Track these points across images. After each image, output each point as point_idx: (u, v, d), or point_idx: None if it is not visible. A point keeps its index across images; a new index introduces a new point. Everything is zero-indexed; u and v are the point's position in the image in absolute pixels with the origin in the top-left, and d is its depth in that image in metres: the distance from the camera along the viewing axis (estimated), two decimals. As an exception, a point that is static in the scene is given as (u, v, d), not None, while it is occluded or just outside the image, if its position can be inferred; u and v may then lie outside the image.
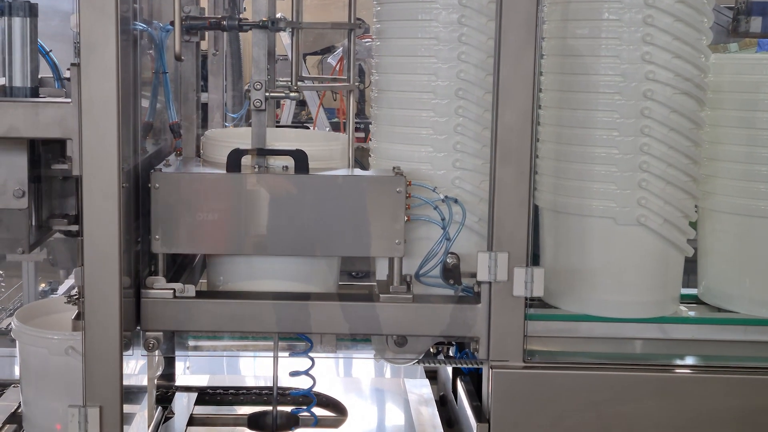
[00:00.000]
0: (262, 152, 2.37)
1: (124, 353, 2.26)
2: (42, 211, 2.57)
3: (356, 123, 2.83)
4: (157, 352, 2.60)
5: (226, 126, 3.17)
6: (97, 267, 2.17)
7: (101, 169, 2.14)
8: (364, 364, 3.49)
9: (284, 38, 6.50)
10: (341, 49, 4.61)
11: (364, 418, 2.77)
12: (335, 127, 6.38)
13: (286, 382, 2.77)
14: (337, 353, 3.67)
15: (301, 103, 7.55)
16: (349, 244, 2.36)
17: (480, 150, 2.47)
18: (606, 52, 2.42)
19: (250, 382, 3.17)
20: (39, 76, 2.82)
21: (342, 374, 3.45)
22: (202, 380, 3.11)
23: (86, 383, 2.20)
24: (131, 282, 2.34)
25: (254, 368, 3.55)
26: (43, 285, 5.78)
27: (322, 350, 3.71)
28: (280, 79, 2.80)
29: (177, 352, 3.04)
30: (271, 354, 2.74)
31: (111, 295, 2.18)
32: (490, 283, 2.33)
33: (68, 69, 2.19)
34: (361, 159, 2.81)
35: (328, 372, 3.38)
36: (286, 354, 2.82)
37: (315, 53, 7.58)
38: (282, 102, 7.48)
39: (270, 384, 2.94)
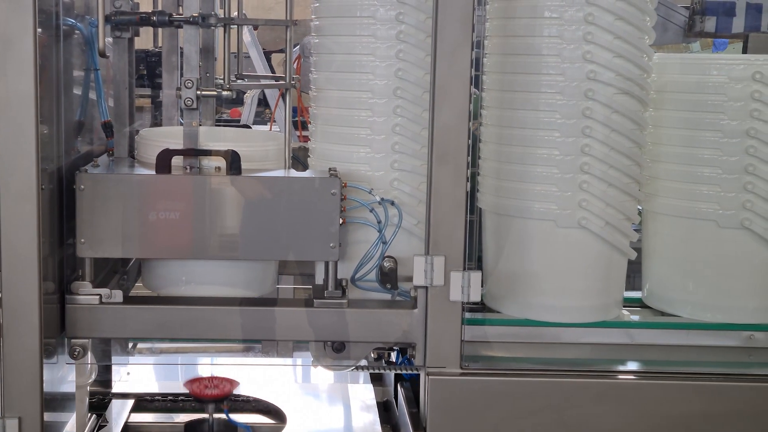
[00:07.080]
0: (192, 152, 2.30)
1: (46, 361, 2.19)
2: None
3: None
4: (90, 358, 2.52)
5: (181, 124, 3.07)
6: (15, 272, 2.10)
7: (18, 169, 2.06)
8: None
9: (246, 35, 6.41)
10: (299, 46, 4.52)
11: (303, 426, 2.70)
12: (297, 127, 6.28)
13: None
14: (293, 357, 3.59)
15: (265, 102, 7.46)
16: (281, 248, 2.30)
17: (419, 151, 2.41)
18: (547, 50, 2.37)
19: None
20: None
21: (300, 379, 3.37)
22: (143, 386, 3.01)
23: (4, 393, 2.12)
24: (56, 287, 2.26)
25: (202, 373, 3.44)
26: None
27: (276, 354, 3.63)
28: (219, 77, 2.73)
29: (114, 359, 2.94)
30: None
31: (30, 301, 2.11)
32: (426, 287, 2.27)
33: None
34: (305, 159, 2.74)
35: (283, 377, 3.30)
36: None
37: (281, 51, 7.51)
38: (244, 101, 7.40)
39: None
